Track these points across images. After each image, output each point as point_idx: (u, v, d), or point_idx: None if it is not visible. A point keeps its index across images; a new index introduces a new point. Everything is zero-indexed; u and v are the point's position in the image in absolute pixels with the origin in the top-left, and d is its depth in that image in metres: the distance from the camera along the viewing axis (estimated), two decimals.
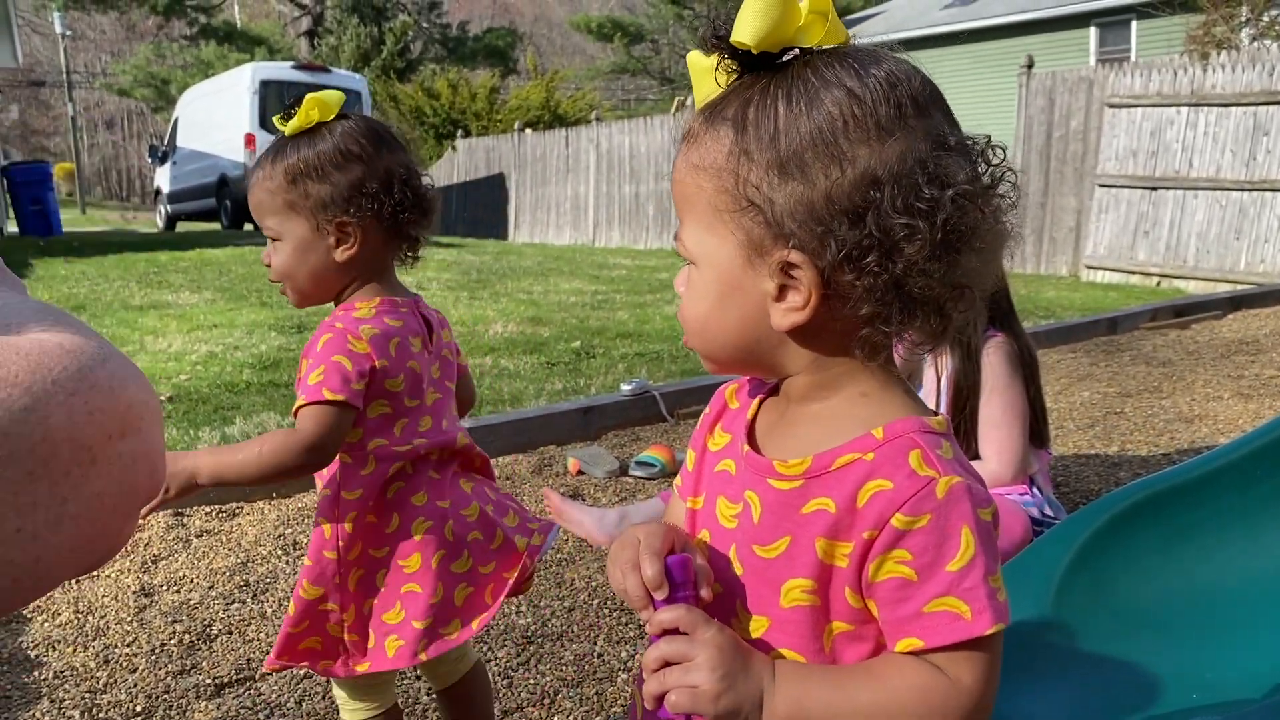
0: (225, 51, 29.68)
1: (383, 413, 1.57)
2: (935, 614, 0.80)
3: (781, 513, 0.87)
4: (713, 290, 0.87)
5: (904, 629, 0.82)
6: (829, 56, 0.82)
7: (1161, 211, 10.09)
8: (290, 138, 1.60)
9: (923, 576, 0.80)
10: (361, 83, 18.36)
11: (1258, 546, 2.00)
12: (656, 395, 4.45)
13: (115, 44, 42.67)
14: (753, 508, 0.89)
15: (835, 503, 0.84)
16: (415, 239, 1.65)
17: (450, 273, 9.61)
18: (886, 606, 0.82)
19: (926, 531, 0.80)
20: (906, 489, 0.81)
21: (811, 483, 0.86)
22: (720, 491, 0.94)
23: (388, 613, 1.58)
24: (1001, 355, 2.61)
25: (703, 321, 0.89)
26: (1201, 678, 1.71)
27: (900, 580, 0.81)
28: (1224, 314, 7.11)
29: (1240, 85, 9.58)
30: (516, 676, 2.29)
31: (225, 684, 2.26)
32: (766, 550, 0.87)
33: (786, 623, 0.87)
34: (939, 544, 0.80)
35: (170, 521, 3.15)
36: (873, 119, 0.80)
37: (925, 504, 0.80)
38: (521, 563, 1.67)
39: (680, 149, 0.88)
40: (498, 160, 19.78)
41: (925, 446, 0.83)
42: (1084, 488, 3.45)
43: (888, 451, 0.84)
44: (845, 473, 0.84)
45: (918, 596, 0.80)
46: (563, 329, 6.46)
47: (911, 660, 0.82)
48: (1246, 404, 4.56)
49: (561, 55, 43.44)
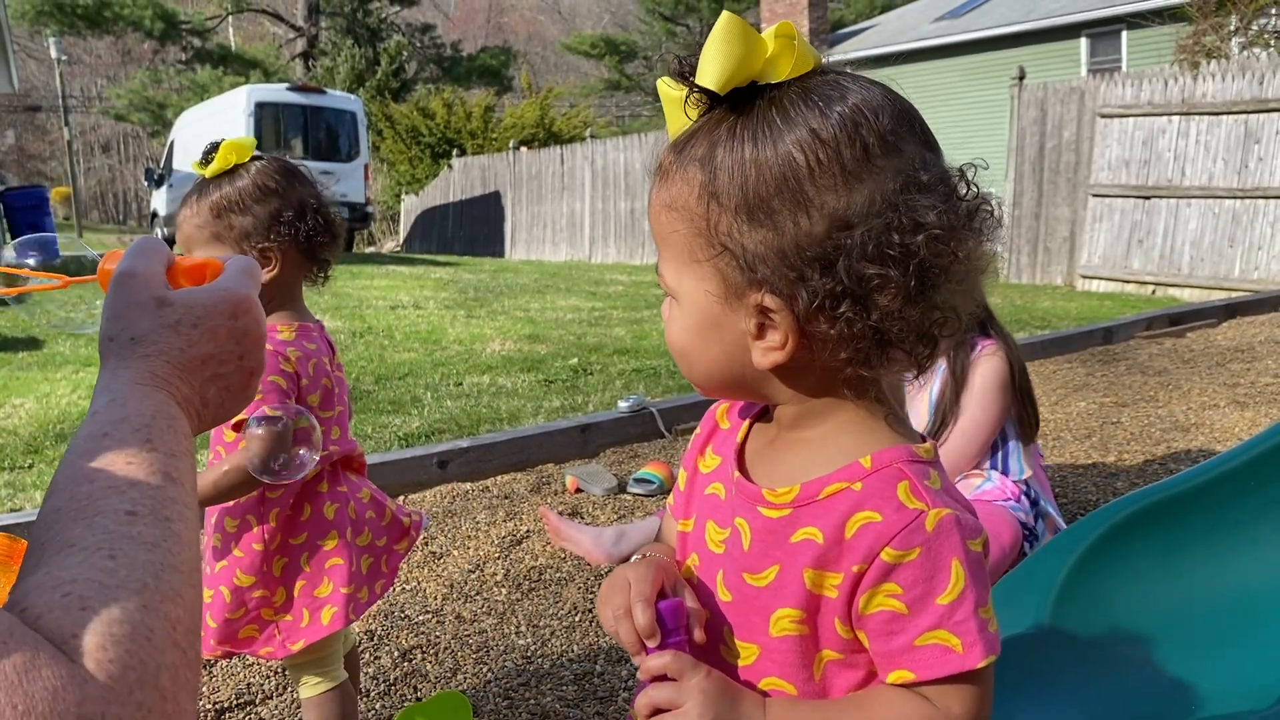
0: (220, 75, 29.76)
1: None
2: (926, 647, 0.80)
3: (771, 541, 0.87)
4: (693, 325, 0.87)
5: (895, 661, 0.82)
6: (796, 93, 0.80)
7: (1155, 220, 10.13)
8: (211, 178, 1.80)
9: (913, 610, 0.80)
10: (357, 103, 18.41)
11: (1256, 556, 2.00)
12: (654, 412, 4.45)
13: (111, 68, 42.80)
14: (743, 535, 0.89)
15: (823, 533, 0.83)
16: (326, 261, 1.86)
17: (447, 291, 9.63)
18: (877, 639, 0.82)
19: (916, 565, 0.80)
20: (895, 522, 0.81)
21: (800, 511, 0.85)
22: (710, 516, 0.94)
23: (318, 588, 1.79)
24: (992, 368, 2.62)
25: (686, 352, 0.89)
26: (1201, 689, 1.71)
27: (891, 613, 0.81)
28: (1219, 322, 7.13)
29: (1231, 94, 9.63)
30: (517, 696, 2.29)
31: (225, 709, 2.25)
32: (757, 579, 0.87)
33: (775, 651, 0.87)
34: (929, 577, 0.80)
35: None
36: (838, 163, 0.78)
37: (915, 537, 0.80)
38: (409, 535, 1.93)
39: (654, 182, 0.87)
40: (493, 178, 19.84)
41: (913, 477, 0.83)
42: (1081, 498, 3.45)
43: (875, 482, 0.83)
44: (833, 502, 0.84)
45: (909, 630, 0.80)
46: (560, 346, 6.46)
47: (901, 692, 0.82)
48: (1243, 412, 4.57)
49: (556, 73, 43.59)
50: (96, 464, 0.66)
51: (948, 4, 20.42)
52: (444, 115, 24.31)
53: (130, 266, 0.80)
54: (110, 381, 0.74)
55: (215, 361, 0.78)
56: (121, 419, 0.69)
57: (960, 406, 2.61)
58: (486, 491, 3.70)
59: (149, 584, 0.59)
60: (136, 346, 0.75)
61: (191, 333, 0.77)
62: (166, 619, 0.58)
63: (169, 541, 0.63)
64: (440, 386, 5.27)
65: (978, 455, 2.64)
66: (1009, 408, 2.66)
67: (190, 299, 0.79)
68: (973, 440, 2.61)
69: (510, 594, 2.83)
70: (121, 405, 0.71)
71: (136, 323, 0.77)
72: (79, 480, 0.65)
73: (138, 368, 0.74)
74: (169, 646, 0.58)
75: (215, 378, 0.79)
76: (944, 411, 2.62)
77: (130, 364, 0.74)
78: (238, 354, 0.80)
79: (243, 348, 0.80)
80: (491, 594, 2.83)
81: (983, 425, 2.61)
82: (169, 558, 0.61)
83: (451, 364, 5.87)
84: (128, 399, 0.71)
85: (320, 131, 17.56)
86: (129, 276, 0.79)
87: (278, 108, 17.11)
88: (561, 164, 18.09)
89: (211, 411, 0.79)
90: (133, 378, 0.74)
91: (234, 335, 0.80)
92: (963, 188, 0.81)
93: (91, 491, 0.64)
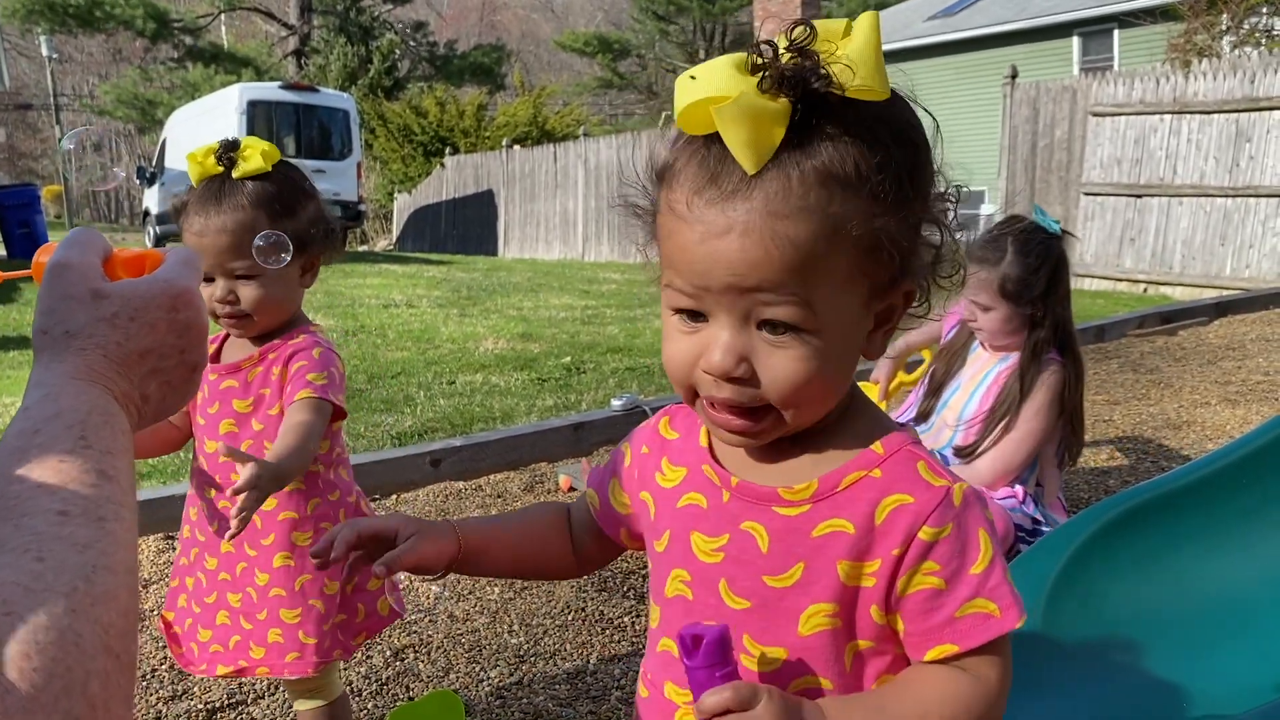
0: (212, 73, 29.65)
1: (338, 425, 1.80)
2: (967, 617, 0.82)
3: (792, 539, 0.86)
4: (840, 349, 0.82)
5: (935, 637, 0.83)
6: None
7: (1147, 219, 10.16)
8: (239, 179, 1.70)
9: (951, 584, 0.82)
10: (349, 102, 18.35)
11: (1248, 554, 2.00)
12: (647, 410, 4.45)
13: (102, 66, 42.66)
14: (757, 538, 0.87)
15: (852, 523, 0.84)
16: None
17: (440, 290, 9.61)
18: (916, 618, 0.84)
19: (950, 540, 0.82)
20: (928, 501, 0.83)
21: (819, 505, 0.86)
22: (692, 527, 0.92)
23: (370, 582, 1.80)
24: (1051, 385, 2.60)
25: (826, 385, 0.83)
26: (1192, 687, 1.72)
27: (930, 591, 0.83)
28: (1210, 320, 7.15)
29: (1222, 93, 9.66)
30: (510, 696, 2.29)
31: (217, 709, 2.25)
32: (779, 580, 0.86)
33: (807, 650, 0.86)
34: (962, 550, 0.83)
35: (160, 545, 3.14)
36: (924, 136, 0.83)
37: (947, 514, 0.83)
38: None
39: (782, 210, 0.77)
40: (486, 177, 19.81)
41: (925, 456, 0.86)
42: (1073, 496, 3.46)
43: (893, 466, 0.85)
44: (854, 491, 0.85)
45: (949, 604, 0.83)
46: (553, 345, 6.46)
47: (941, 670, 0.84)
48: (1234, 409, 4.58)
49: (549, 71, 43.54)
50: (26, 462, 0.63)
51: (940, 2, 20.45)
52: (437, 113, 24.27)
53: (65, 258, 0.77)
54: (44, 376, 0.71)
55: (155, 356, 0.76)
56: (54, 415, 0.67)
57: (1018, 414, 2.59)
58: (480, 490, 3.70)
59: (79, 587, 0.56)
60: (71, 340, 0.73)
61: (129, 326, 0.75)
62: (98, 623, 0.56)
63: (102, 542, 0.60)
64: (433, 385, 5.26)
65: (1024, 466, 2.61)
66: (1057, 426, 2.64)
67: (128, 291, 0.76)
68: (1021, 448, 2.58)
69: (503, 593, 2.82)
70: (54, 401, 0.68)
71: (71, 316, 0.74)
72: (8, 479, 0.62)
73: (72, 362, 0.72)
74: (100, 652, 0.55)
75: (155, 372, 0.76)
76: (1006, 409, 2.59)
77: (64, 359, 0.72)
78: (179, 348, 0.78)
79: (184, 341, 0.78)
80: (484, 593, 2.83)
81: (1034, 435, 2.58)
82: (102, 559, 0.59)
83: (444, 363, 5.86)
84: (61, 395, 0.69)
85: (313, 130, 17.51)
86: (63, 268, 0.76)
87: (270, 106, 17.05)
88: (554, 162, 18.07)
89: (152, 407, 0.77)
90: (67, 372, 0.71)
91: (174, 328, 0.77)
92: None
93: (21, 491, 0.61)
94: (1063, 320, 2.64)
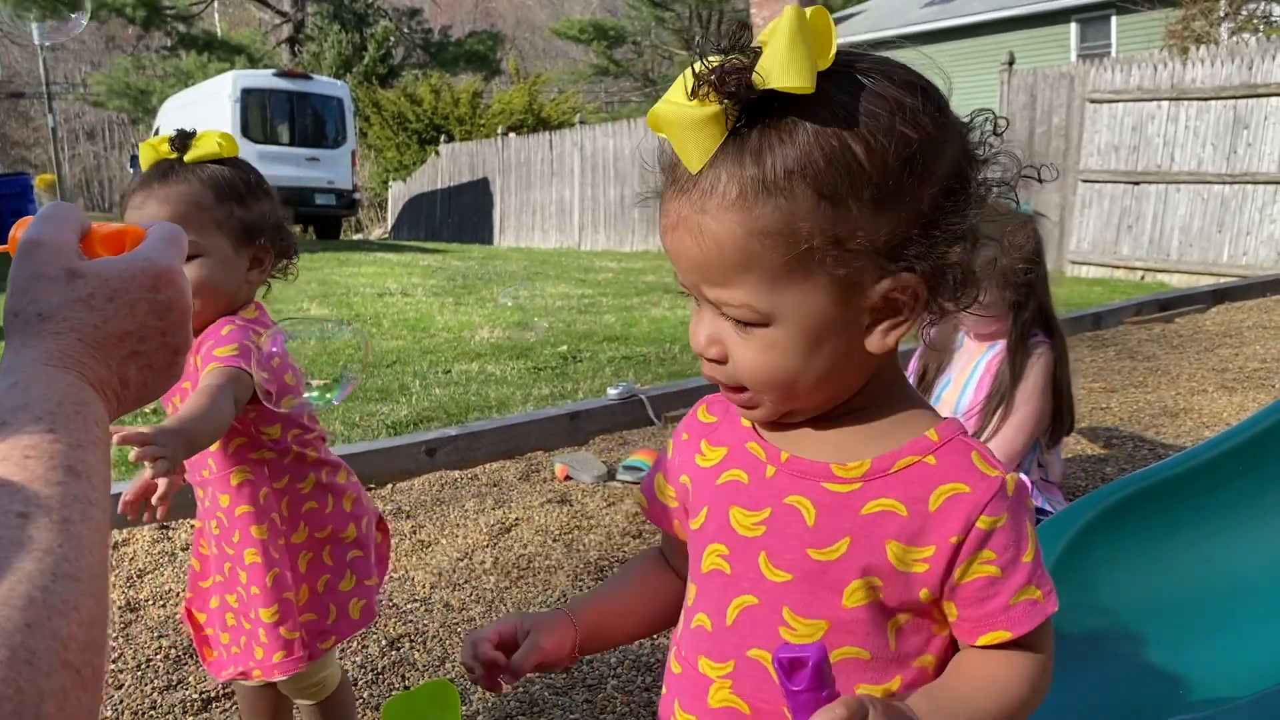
0: (205, 61, 29.50)
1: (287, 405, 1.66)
2: (1019, 604, 0.85)
3: (840, 514, 0.87)
4: (801, 341, 0.83)
5: (989, 624, 0.86)
6: (851, 74, 0.80)
7: (1144, 206, 10.14)
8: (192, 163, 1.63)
9: (1007, 572, 0.85)
10: (344, 89, 18.29)
11: (1243, 541, 2.00)
12: (644, 399, 4.44)
13: (95, 55, 42.44)
14: (804, 512, 0.88)
15: (904, 505, 0.85)
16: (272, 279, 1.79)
17: (436, 278, 9.59)
18: (971, 605, 0.86)
19: (1006, 530, 0.85)
20: (984, 491, 0.85)
21: (871, 484, 0.87)
22: (731, 502, 0.93)
23: (341, 581, 1.73)
24: (1043, 366, 2.64)
25: (790, 375, 0.85)
26: (1189, 673, 1.71)
27: (987, 579, 0.85)
28: (1207, 307, 7.15)
29: (1220, 79, 9.64)
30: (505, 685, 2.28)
31: (212, 698, 2.24)
32: (825, 553, 0.87)
33: (850, 622, 0.88)
34: (1017, 540, 0.85)
35: (155, 535, 3.13)
36: (933, 127, 0.81)
37: (1002, 504, 0.85)
38: (383, 524, 1.88)
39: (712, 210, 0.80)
40: (481, 165, 19.75)
41: (978, 447, 0.88)
42: (1070, 484, 3.46)
43: (948, 454, 0.87)
44: (907, 475, 0.86)
45: (1004, 592, 0.85)
46: (549, 333, 6.44)
47: (1001, 656, 0.87)
48: (1231, 396, 4.59)
49: (544, 58, 43.39)
50: None
51: None
52: (431, 101, 24.18)
53: (38, 234, 0.72)
54: (14, 362, 0.66)
55: (134, 338, 0.71)
56: (22, 405, 0.62)
57: (1014, 398, 2.61)
58: (475, 480, 3.69)
59: (35, 598, 0.51)
60: (44, 323, 0.68)
61: (107, 307, 0.70)
62: (55, 637, 0.51)
63: (65, 546, 0.55)
64: (428, 374, 5.25)
65: (1026, 450, 2.66)
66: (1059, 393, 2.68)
67: (105, 270, 0.71)
68: (1021, 433, 2.62)
69: (499, 582, 2.82)
70: (24, 390, 0.63)
71: (44, 297, 0.69)
72: None
73: (45, 346, 0.67)
74: (57, 669, 0.51)
75: (135, 355, 0.72)
76: (1001, 395, 2.62)
77: (37, 342, 0.67)
78: (160, 330, 0.73)
79: (166, 323, 0.73)
80: (480, 582, 2.82)
81: (1033, 418, 2.62)
82: (63, 565, 0.54)
83: (440, 351, 5.85)
84: (32, 383, 0.64)
85: (307, 118, 17.45)
86: (36, 245, 0.71)
87: (264, 94, 16.99)
88: (550, 150, 18.02)
89: (133, 392, 0.73)
90: (39, 358, 0.66)
91: (155, 310, 0.72)
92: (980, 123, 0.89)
93: None
94: (1043, 301, 2.67)
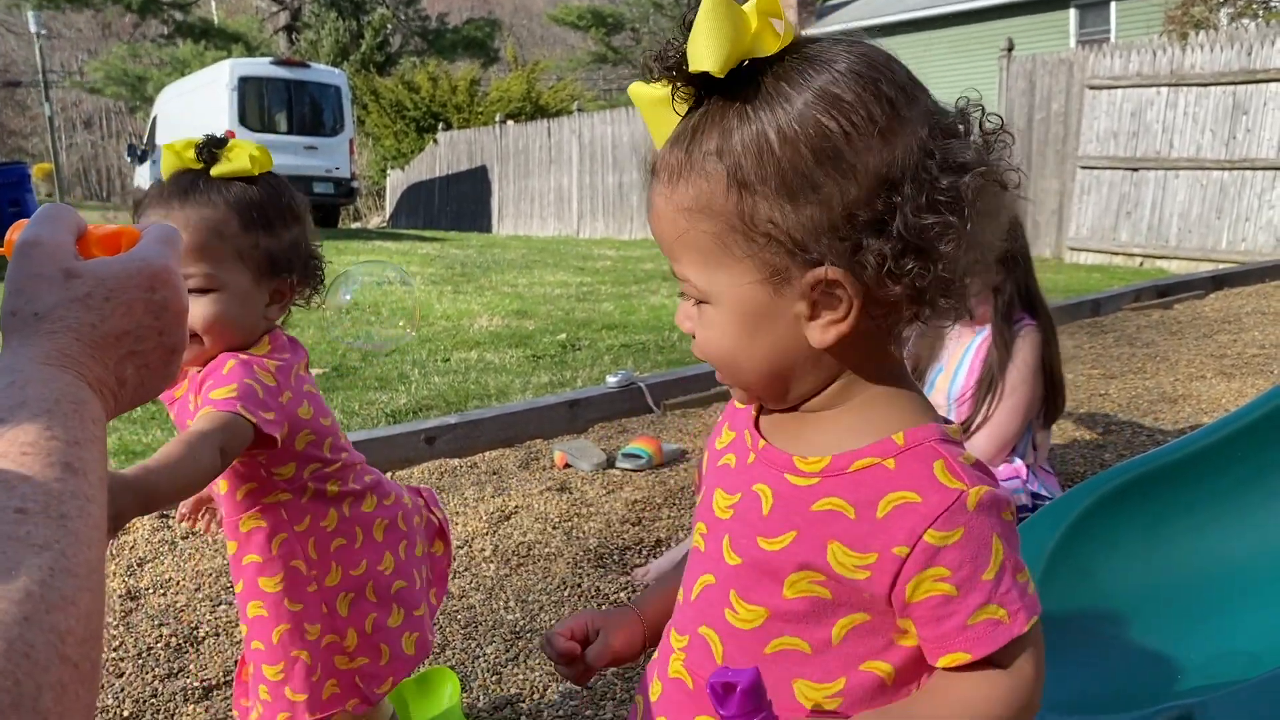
0: (202, 49, 29.40)
1: (309, 440, 1.54)
2: (978, 624, 0.80)
3: (791, 507, 0.86)
4: (737, 324, 0.84)
5: (947, 645, 0.81)
6: (796, 62, 0.79)
7: (1143, 192, 10.13)
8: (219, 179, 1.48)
9: (963, 590, 0.80)
10: (341, 77, 18.23)
11: (1242, 527, 2.01)
12: (643, 387, 4.44)
13: (92, 43, 42.27)
14: (763, 500, 0.88)
15: (852, 507, 0.83)
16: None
17: (434, 267, 9.58)
18: (928, 624, 0.81)
19: (961, 546, 0.79)
20: (936, 503, 0.80)
21: (827, 481, 0.85)
22: (718, 484, 0.94)
23: (390, 618, 1.60)
24: (1030, 347, 2.63)
25: (731, 356, 0.86)
26: (1188, 658, 1.72)
27: (941, 598, 0.80)
28: (1206, 293, 7.15)
29: (1219, 65, 9.61)
30: (505, 672, 2.29)
31: (213, 686, 2.25)
32: (771, 543, 0.87)
33: (789, 613, 0.87)
34: (975, 557, 0.80)
35: (156, 524, 3.13)
36: (869, 122, 0.77)
37: (958, 518, 0.79)
38: (443, 534, 1.77)
39: (657, 187, 0.84)
40: (480, 153, 19.71)
41: (948, 456, 0.82)
42: (1069, 470, 3.46)
43: (909, 460, 0.82)
44: (862, 477, 0.83)
45: (960, 611, 0.80)
46: (548, 322, 6.44)
47: (972, 677, 0.82)
48: (1229, 383, 4.59)
49: (542, 45, 43.22)
50: None
51: None
52: (429, 89, 24.11)
53: (35, 235, 0.73)
54: (12, 362, 0.67)
55: (131, 338, 0.73)
56: (19, 404, 0.63)
57: (1005, 382, 2.61)
58: (475, 468, 3.69)
59: (33, 592, 0.52)
60: (41, 323, 0.69)
61: (104, 307, 0.71)
62: (53, 631, 0.52)
63: (63, 542, 0.56)
64: (428, 363, 5.25)
65: (1020, 433, 2.65)
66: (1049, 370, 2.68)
67: (102, 270, 0.73)
68: (1015, 416, 2.61)
69: (499, 569, 2.83)
70: (21, 389, 0.64)
71: (41, 297, 0.70)
72: None
73: (42, 346, 0.67)
74: (55, 663, 0.51)
75: (132, 355, 0.73)
76: (990, 381, 2.62)
77: (34, 342, 0.68)
78: (157, 329, 0.74)
79: (162, 323, 0.75)
80: (480, 569, 2.83)
81: (1025, 401, 2.61)
82: (61, 560, 0.55)
83: (439, 340, 5.84)
84: (29, 381, 0.65)
85: (304, 106, 17.40)
86: (32, 246, 0.72)
87: (261, 82, 16.93)
88: (549, 138, 17.98)
89: (130, 392, 0.74)
90: (36, 357, 0.67)
91: (152, 309, 0.74)
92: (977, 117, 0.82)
93: None
94: (1025, 281, 2.66)
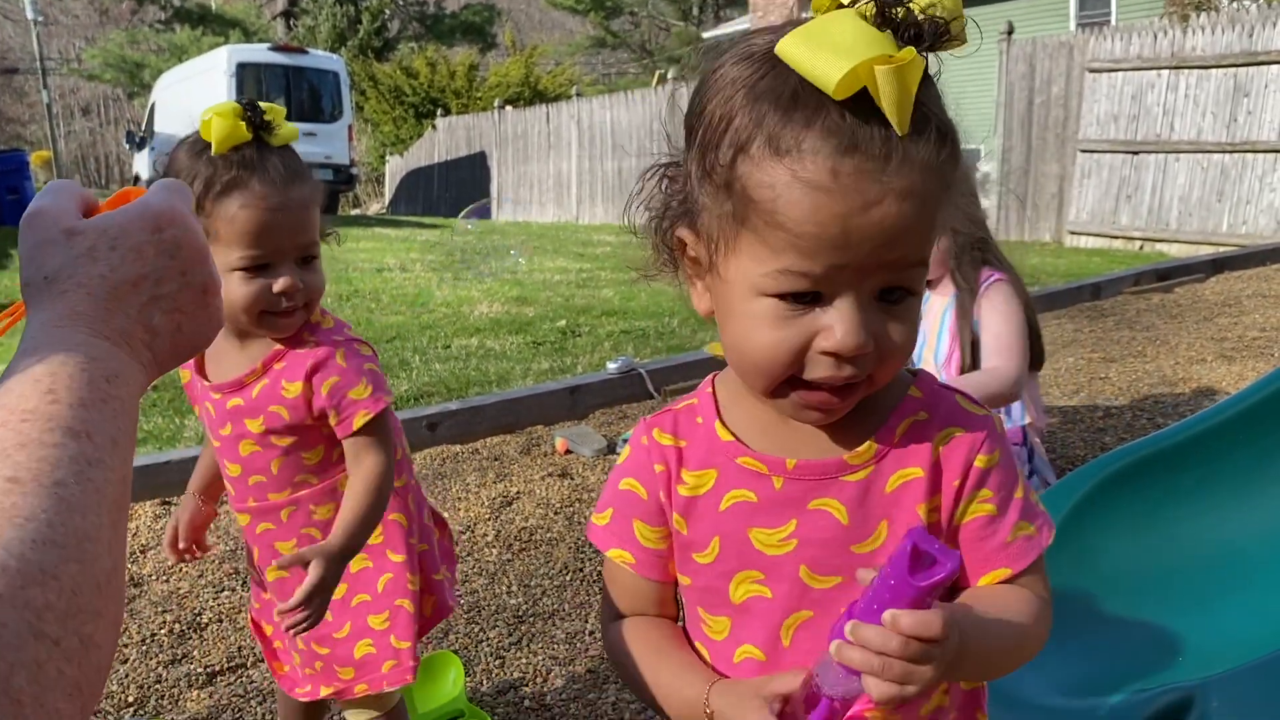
0: (199, 35, 29.29)
1: None
2: (1016, 541, 0.86)
3: (870, 502, 0.86)
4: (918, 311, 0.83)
5: (992, 561, 0.86)
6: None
7: (1143, 175, 10.10)
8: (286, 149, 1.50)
9: (1001, 509, 0.86)
10: (339, 63, 18.16)
11: (1242, 510, 2.01)
12: (643, 373, 4.45)
13: (89, 29, 42.08)
14: (833, 512, 0.85)
15: (921, 467, 0.86)
16: None
17: (434, 253, 9.57)
18: (972, 545, 0.86)
19: (1001, 468, 0.86)
20: (977, 430, 0.86)
21: (884, 462, 0.86)
22: (748, 524, 0.87)
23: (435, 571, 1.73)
24: (1005, 295, 2.60)
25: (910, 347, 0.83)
26: (1189, 641, 1.73)
27: (986, 518, 0.86)
28: (1206, 276, 7.14)
29: (1220, 47, 9.57)
30: (509, 656, 2.30)
31: (217, 672, 2.26)
32: (867, 544, 0.86)
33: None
34: (1008, 477, 0.86)
35: (158, 511, 3.14)
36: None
37: (994, 441, 0.86)
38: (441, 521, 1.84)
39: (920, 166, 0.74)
40: (478, 138, 19.65)
41: (956, 390, 0.89)
42: (1069, 453, 3.47)
43: (933, 403, 0.87)
44: (909, 437, 0.86)
45: (1001, 529, 0.86)
46: (548, 308, 6.44)
47: (1008, 588, 0.87)
48: (1229, 366, 4.59)
49: (540, 30, 43.02)
50: None
51: None
52: (427, 74, 24.01)
53: (38, 206, 0.72)
54: (30, 332, 0.66)
55: (150, 282, 0.70)
56: (24, 370, 0.61)
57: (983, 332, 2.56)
58: (476, 454, 3.70)
59: (9, 566, 0.49)
60: (52, 285, 0.68)
61: (110, 256, 0.69)
62: (27, 607, 0.49)
63: (50, 511, 0.53)
64: (428, 349, 5.25)
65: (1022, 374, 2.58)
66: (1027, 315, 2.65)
67: (103, 222, 0.71)
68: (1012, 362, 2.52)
69: (501, 554, 2.83)
70: (28, 356, 0.63)
71: (48, 260, 0.69)
72: None
73: (54, 309, 0.66)
74: (28, 640, 0.48)
75: (156, 300, 0.70)
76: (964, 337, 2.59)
77: (47, 306, 0.67)
78: (177, 269, 0.72)
79: (180, 262, 0.72)
80: (482, 555, 2.84)
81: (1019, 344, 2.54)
82: (45, 531, 0.52)
83: (439, 327, 5.84)
84: (38, 348, 0.64)
85: (303, 92, 17.34)
86: (36, 215, 0.72)
87: (259, 68, 16.87)
88: (547, 123, 17.91)
89: (166, 340, 0.71)
90: (47, 321, 0.66)
91: (164, 249, 0.71)
92: None
93: None
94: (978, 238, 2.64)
